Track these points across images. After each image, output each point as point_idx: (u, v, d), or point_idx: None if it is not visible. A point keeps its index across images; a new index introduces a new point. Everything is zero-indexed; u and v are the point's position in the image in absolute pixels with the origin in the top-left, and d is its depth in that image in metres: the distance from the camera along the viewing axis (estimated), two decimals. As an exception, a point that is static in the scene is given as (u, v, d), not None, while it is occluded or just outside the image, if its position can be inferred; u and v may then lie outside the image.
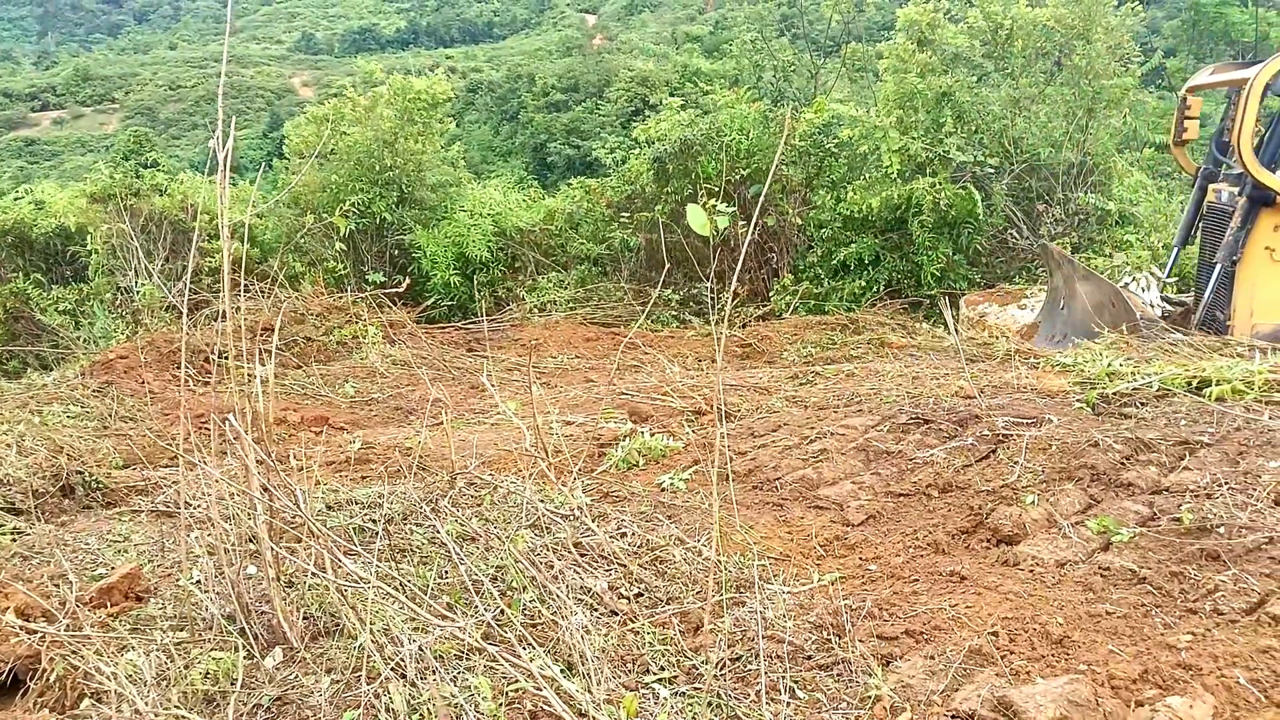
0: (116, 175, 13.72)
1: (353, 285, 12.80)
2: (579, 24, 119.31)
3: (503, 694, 2.96)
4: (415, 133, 14.22)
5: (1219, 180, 9.29)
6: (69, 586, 4.01)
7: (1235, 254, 9.03)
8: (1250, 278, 9.07)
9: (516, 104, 60.71)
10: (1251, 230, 8.99)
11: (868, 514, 4.27)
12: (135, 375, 8.75)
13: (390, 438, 6.66)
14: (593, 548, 3.98)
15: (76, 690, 3.28)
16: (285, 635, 3.38)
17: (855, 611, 3.33)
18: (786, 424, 5.54)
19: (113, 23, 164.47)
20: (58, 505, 5.52)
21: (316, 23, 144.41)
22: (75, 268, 13.84)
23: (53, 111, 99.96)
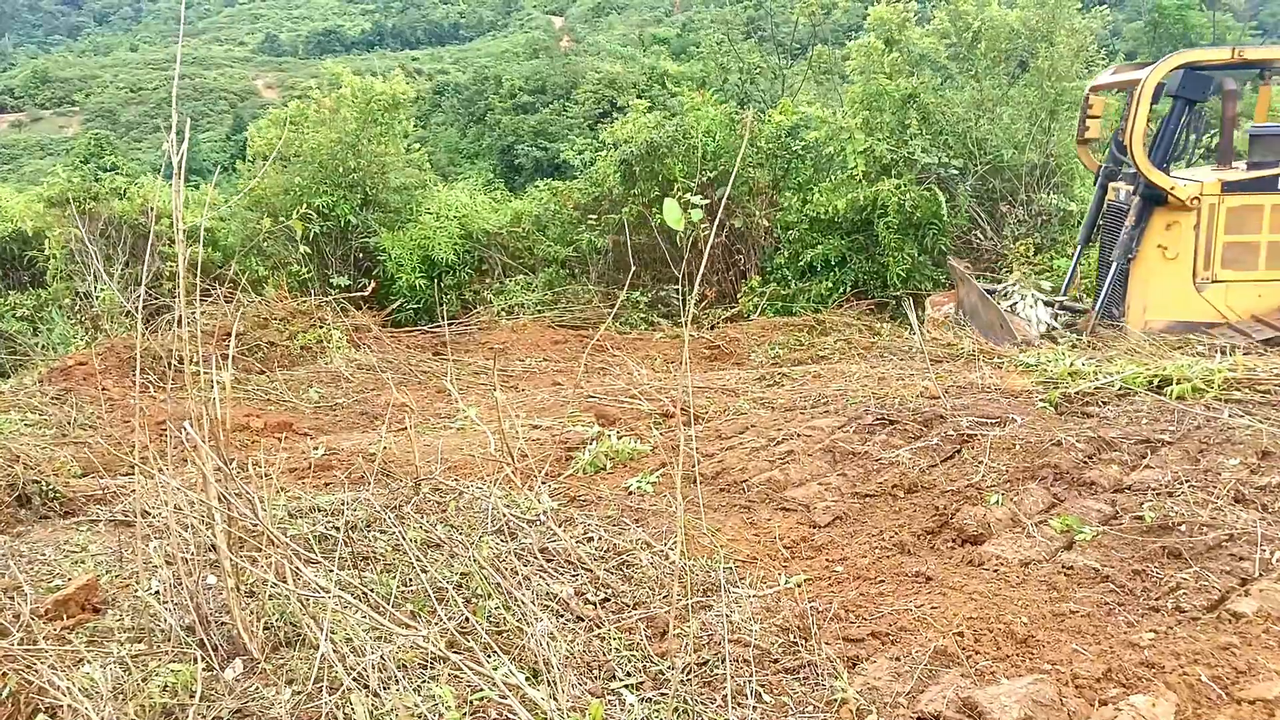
0: (75, 179, 13.53)
1: (317, 289, 12.68)
2: (546, 26, 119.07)
3: (467, 703, 2.92)
4: (378, 134, 14.11)
5: (1119, 179, 9.50)
6: (23, 599, 3.92)
7: (1130, 252, 9.23)
8: (1144, 275, 9.26)
9: (484, 106, 60.41)
10: (1145, 228, 9.18)
11: (834, 515, 4.28)
12: (94, 382, 8.59)
13: (354, 443, 6.58)
14: (559, 553, 3.95)
15: (30, 705, 3.20)
16: (245, 646, 3.32)
17: (821, 614, 3.32)
18: (754, 426, 5.54)
19: (72, 24, 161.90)
20: (13, 515, 5.39)
21: (280, 24, 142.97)
22: (32, 273, 13.58)
23: (10, 114, 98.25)
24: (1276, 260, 9.04)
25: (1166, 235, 9.10)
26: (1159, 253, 9.12)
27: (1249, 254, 9.04)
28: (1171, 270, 9.09)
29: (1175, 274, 9.08)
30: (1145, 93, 8.90)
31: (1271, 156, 9.09)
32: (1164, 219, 9.09)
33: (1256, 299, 9.03)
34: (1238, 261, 9.03)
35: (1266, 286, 9.06)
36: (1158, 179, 8.87)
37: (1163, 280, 9.15)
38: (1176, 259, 9.05)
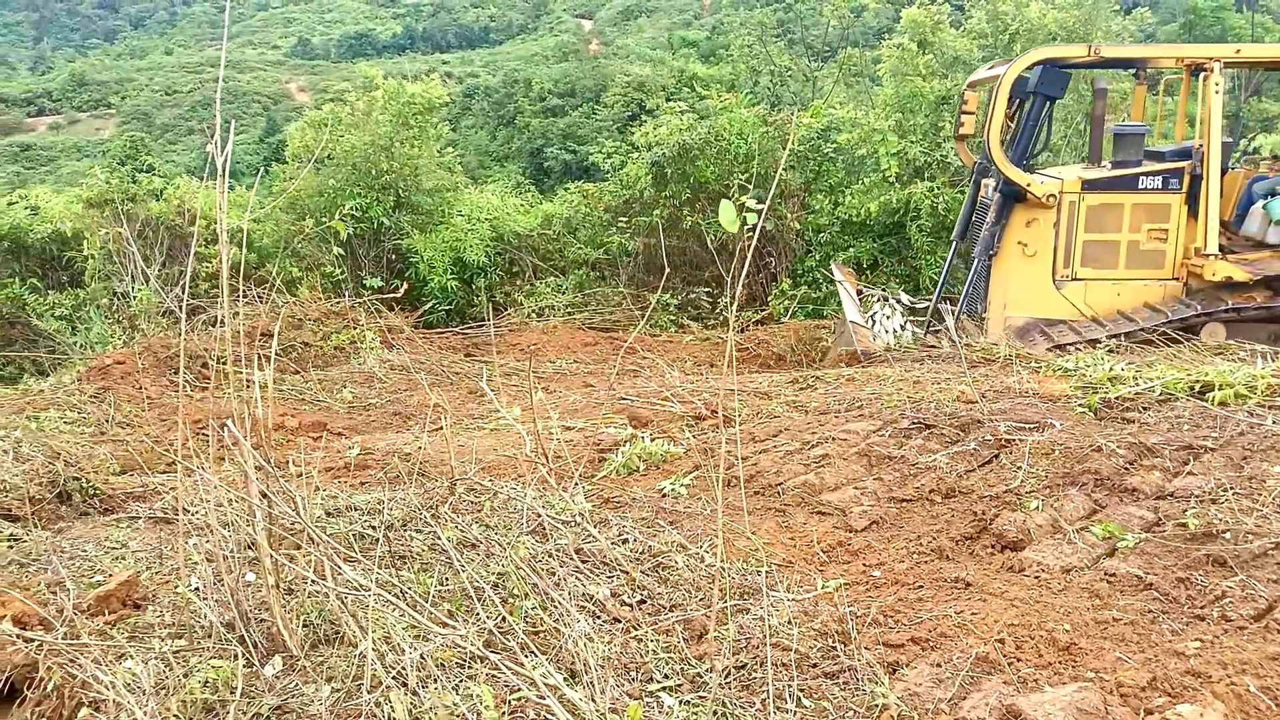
0: (113, 180, 13.69)
1: (350, 290, 12.78)
2: (575, 29, 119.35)
3: (505, 703, 2.92)
4: (410, 137, 14.20)
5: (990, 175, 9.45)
6: (66, 594, 3.97)
7: (991, 248, 9.21)
8: (1004, 272, 9.26)
9: (513, 109, 60.63)
10: (1006, 225, 9.16)
11: (870, 520, 4.25)
12: (132, 381, 8.70)
13: (389, 443, 6.62)
14: (594, 554, 3.95)
15: (74, 699, 3.24)
16: (285, 643, 3.34)
17: (860, 619, 3.30)
18: (787, 429, 5.52)
19: (109, 28, 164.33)
20: (55, 512, 5.48)
21: (313, 28, 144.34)
22: (71, 273, 13.79)
23: (49, 117, 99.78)
24: (1136, 260, 9.02)
25: (1026, 232, 9.09)
26: (1019, 249, 9.10)
27: (1109, 253, 9.02)
28: (1031, 267, 9.07)
29: (1035, 271, 9.07)
30: (1003, 89, 8.91)
31: (1134, 156, 9.09)
32: (1024, 216, 9.09)
33: (1115, 297, 9.01)
34: (1097, 260, 9.03)
35: (1125, 285, 9.03)
36: (1015, 175, 8.86)
37: (1022, 277, 9.14)
38: (1036, 256, 9.04)
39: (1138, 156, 9.07)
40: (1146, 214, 8.88)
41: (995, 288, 9.31)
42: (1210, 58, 8.73)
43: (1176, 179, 8.80)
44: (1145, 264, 8.96)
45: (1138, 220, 8.89)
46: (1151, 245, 8.92)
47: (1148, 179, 8.85)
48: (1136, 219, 8.89)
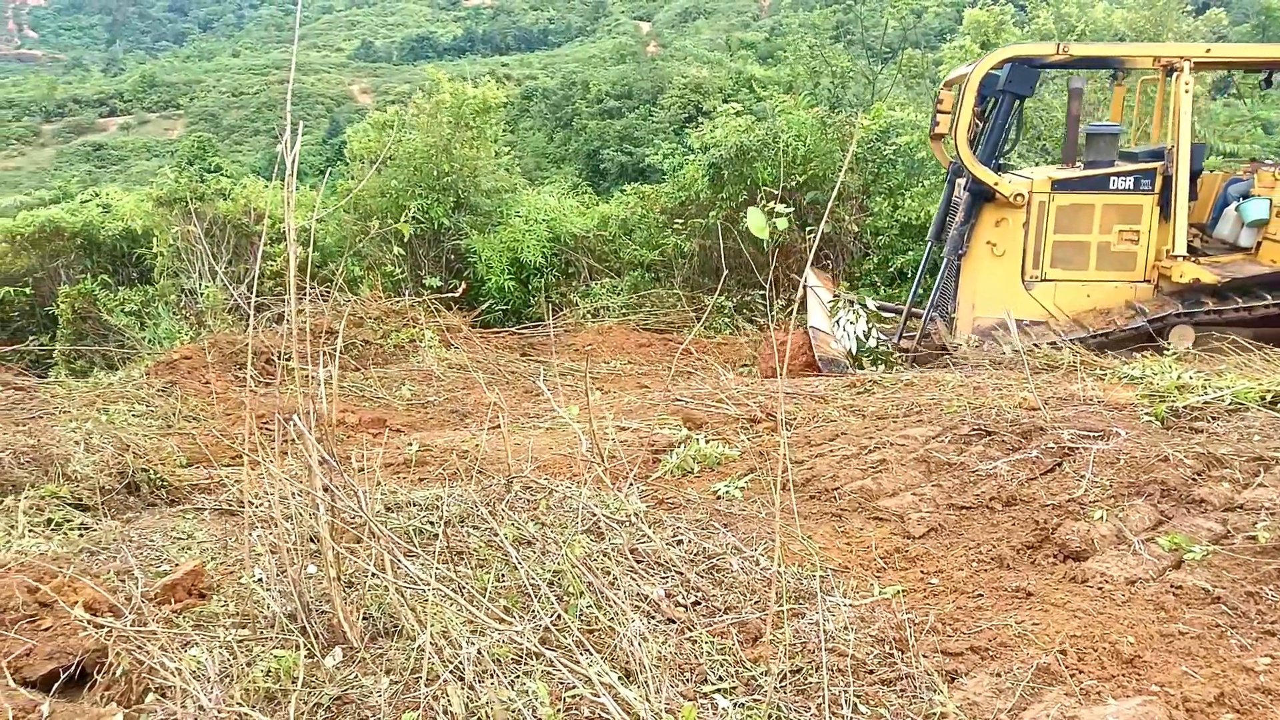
0: (182, 180, 14.05)
1: (410, 289, 12.96)
2: (633, 31, 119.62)
3: (560, 700, 2.94)
4: (470, 139, 14.36)
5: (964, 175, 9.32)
6: (135, 582, 4.08)
7: (960, 248, 9.07)
8: (973, 272, 9.12)
9: (570, 111, 60.91)
10: (975, 225, 9.01)
11: (929, 526, 4.20)
12: (198, 376, 8.92)
13: (447, 440, 6.70)
14: (649, 554, 3.96)
15: (141, 685, 3.32)
16: (345, 635, 3.40)
17: (918, 626, 3.26)
18: (844, 433, 5.47)
19: (178, 31, 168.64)
20: (124, 502, 5.63)
21: (376, 31, 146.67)
22: (141, 270, 14.19)
23: (120, 117, 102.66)
24: (1107, 261, 8.84)
25: (995, 232, 8.95)
26: (988, 249, 8.96)
27: (1079, 254, 8.87)
28: (1000, 268, 8.93)
29: (1004, 271, 8.93)
30: (970, 87, 8.80)
31: (1106, 156, 8.91)
32: (993, 215, 8.95)
33: (1085, 299, 8.85)
34: (1067, 261, 8.88)
35: (1096, 287, 8.86)
36: (982, 174, 8.72)
37: (991, 277, 8.99)
38: (1004, 256, 8.90)
39: (1110, 157, 8.95)
40: (1118, 215, 8.75)
41: (964, 288, 9.23)
42: (1180, 57, 8.60)
43: (1148, 180, 8.66)
44: (1116, 265, 8.85)
45: (1109, 221, 8.77)
46: (1123, 247, 8.80)
47: (1119, 180, 8.72)
48: (1107, 220, 8.77)
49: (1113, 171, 8.72)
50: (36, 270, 14.16)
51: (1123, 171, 8.71)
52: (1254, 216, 8.81)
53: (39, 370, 11.94)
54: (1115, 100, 10.46)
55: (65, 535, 4.91)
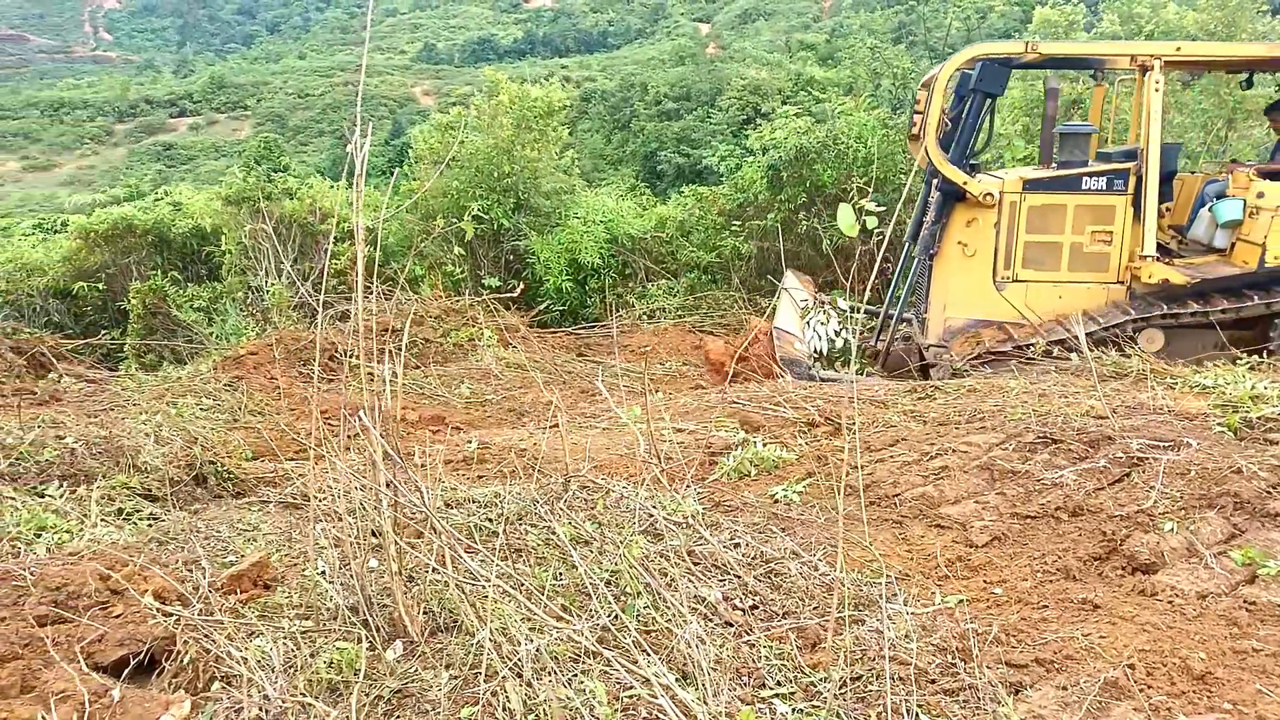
0: (250, 179, 14.35)
1: (470, 289, 13.08)
2: (692, 33, 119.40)
3: (617, 699, 2.95)
4: (531, 140, 14.46)
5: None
6: (202, 572, 4.17)
7: (931, 248, 8.97)
8: (945, 272, 9.00)
9: (629, 112, 61.06)
10: (946, 225, 8.93)
11: (992, 535, 4.12)
12: (264, 371, 9.11)
13: (505, 439, 6.76)
14: (706, 556, 3.95)
15: (208, 673, 3.39)
16: (406, 629, 3.44)
17: (981, 636, 3.21)
18: (904, 439, 5.40)
19: (247, 33, 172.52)
20: (191, 494, 5.76)
21: (438, 33, 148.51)
22: (209, 267, 14.52)
23: (189, 118, 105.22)
24: (1080, 262, 8.68)
25: (967, 232, 8.84)
26: (959, 249, 8.85)
27: (1051, 254, 8.73)
28: (971, 268, 8.83)
29: (975, 272, 8.82)
30: (939, 86, 8.73)
31: (1079, 156, 8.76)
32: (964, 215, 8.85)
33: (1057, 300, 8.70)
34: (1039, 262, 8.74)
35: (1068, 288, 8.71)
36: (951, 173, 8.63)
37: (963, 278, 8.89)
38: (975, 256, 8.78)
39: (1083, 157, 8.83)
40: (1090, 215, 8.63)
41: (935, 288, 9.16)
42: (1150, 55, 8.47)
43: (1121, 180, 8.53)
44: (1089, 266, 8.71)
45: (1081, 222, 8.65)
46: (1095, 247, 8.67)
47: (1091, 180, 8.59)
48: (1080, 220, 8.65)
49: (1085, 172, 8.64)
50: (109, 266, 14.55)
51: (1095, 172, 8.63)
52: (1227, 217, 8.67)
53: (110, 364, 12.29)
54: (1095, 100, 10.35)
55: (135, 525, 5.03)
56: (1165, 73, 8.43)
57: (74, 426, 6.17)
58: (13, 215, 28.88)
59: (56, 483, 5.30)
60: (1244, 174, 8.70)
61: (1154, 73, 8.29)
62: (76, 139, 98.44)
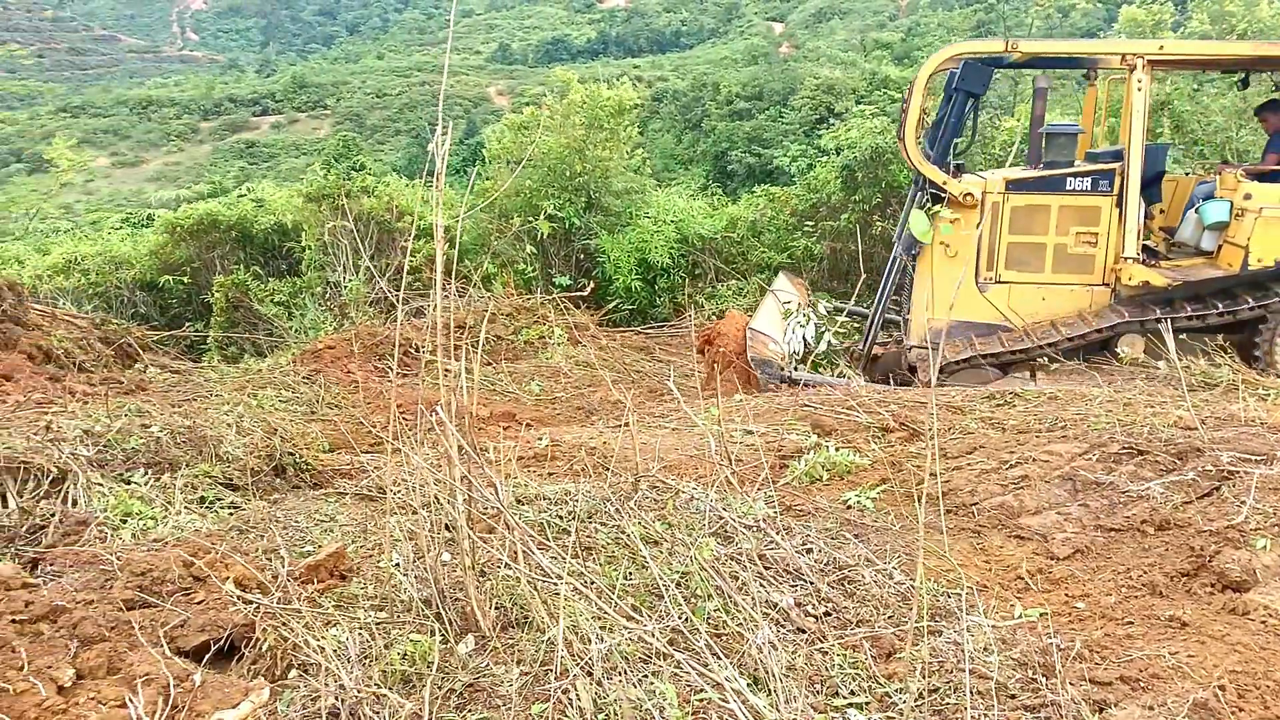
0: (330, 177, 14.64)
1: (540, 287, 13.18)
2: (766, 32, 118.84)
3: (688, 702, 2.93)
4: (602, 140, 14.51)
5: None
6: (281, 561, 4.26)
7: (913, 248, 8.82)
8: (926, 273, 8.84)
9: (700, 112, 60.98)
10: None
11: (1074, 548, 4.01)
12: (341, 365, 9.29)
13: (575, 436, 6.78)
14: (777, 561, 3.90)
15: (285, 661, 3.46)
16: (478, 623, 3.46)
17: (1064, 651, 3.12)
18: (983, 446, 5.29)
19: (327, 34, 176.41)
20: (270, 484, 5.89)
21: (513, 34, 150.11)
22: (290, 262, 14.85)
23: (271, 116, 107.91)
24: (1064, 264, 8.52)
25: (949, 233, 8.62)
26: (941, 250, 8.66)
27: (1034, 256, 8.58)
28: (954, 269, 8.66)
29: (957, 273, 8.66)
30: (918, 84, 8.63)
31: (1064, 156, 8.56)
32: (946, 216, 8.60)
33: (1040, 302, 8.57)
34: (1022, 263, 8.61)
35: (1051, 290, 8.56)
36: (930, 173, 8.52)
37: (945, 279, 8.69)
38: (958, 257, 8.62)
39: (1069, 157, 8.65)
40: (1075, 216, 8.48)
41: (918, 289, 9.02)
42: (1133, 54, 8.26)
43: (1107, 181, 8.34)
44: (1073, 268, 8.57)
45: (1065, 223, 8.51)
46: (1080, 249, 8.51)
47: (1076, 180, 8.43)
48: (1064, 221, 8.51)
49: (1069, 172, 8.49)
50: (194, 260, 14.95)
51: (1079, 172, 8.48)
52: (1213, 219, 8.46)
53: (194, 355, 12.64)
54: (1087, 101, 10.08)
55: (217, 513, 5.15)
56: (1149, 73, 8.32)
57: (159, 415, 6.33)
58: (103, 210, 29.95)
59: (142, 470, 5.44)
60: (1232, 175, 8.53)
61: (1137, 72, 8.16)
62: (163, 136, 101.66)
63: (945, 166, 8.70)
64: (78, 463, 5.21)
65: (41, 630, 3.39)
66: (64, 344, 9.05)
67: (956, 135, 8.86)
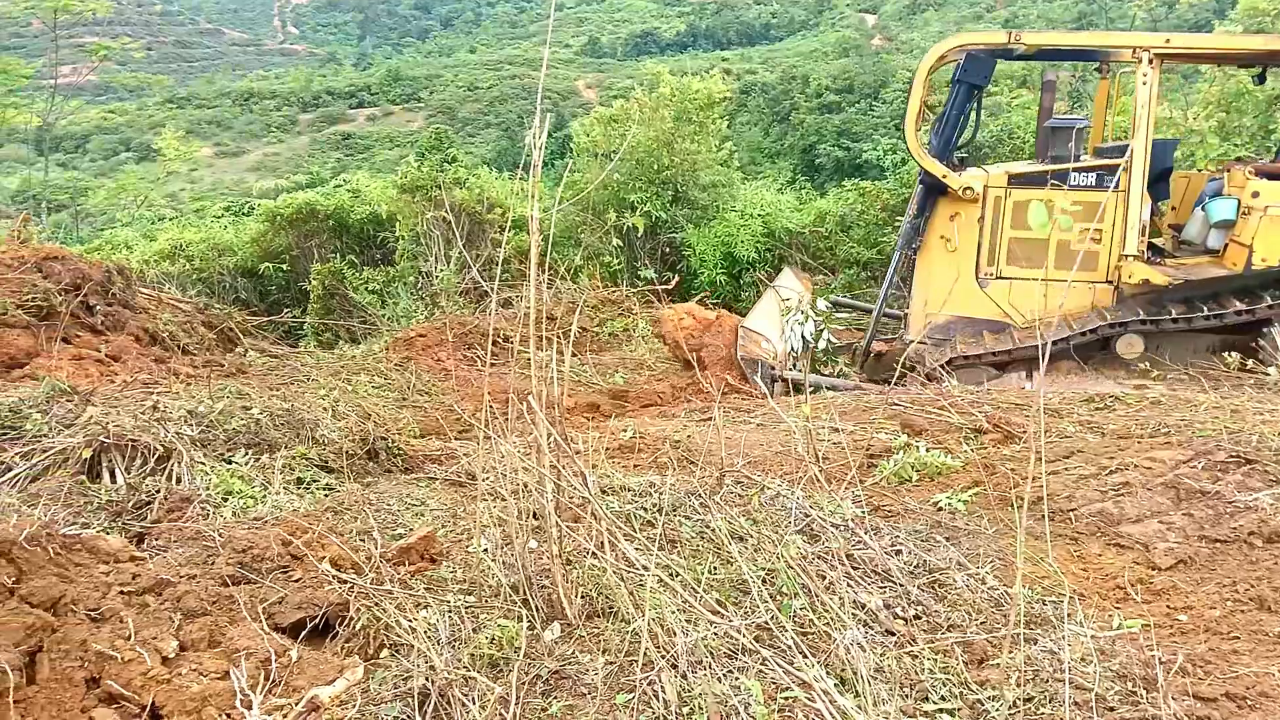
0: (423, 169, 14.91)
1: (626, 280, 13.23)
2: (858, 24, 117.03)
3: (774, 699, 2.91)
4: (691, 133, 14.47)
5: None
6: (374, 543, 4.37)
7: (914, 242, 8.70)
8: (927, 267, 8.73)
9: (789, 105, 60.31)
10: (929, 218, 8.65)
11: (1177, 558, 3.86)
12: (431, 354, 9.47)
13: (659, 429, 6.79)
14: (865, 561, 3.85)
15: (378, 640, 3.54)
16: (564, 611, 3.50)
17: (1166, 664, 3.01)
18: (1081, 451, 5.13)
19: (422, 27, 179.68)
20: (364, 467, 6.03)
21: (602, 27, 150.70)
22: (384, 251, 15.19)
23: (367, 109, 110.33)
24: (1066, 260, 8.25)
25: (949, 227, 8.54)
26: (942, 244, 8.58)
27: (1036, 251, 8.36)
28: (953, 263, 8.55)
29: (957, 267, 8.54)
30: (919, 77, 8.48)
31: (1069, 151, 8.35)
32: (948, 209, 8.55)
33: (1041, 299, 8.40)
34: (1024, 259, 8.43)
35: (1054, 287, 8.37)
36: (929, 165, 8.37)
37: (945, 273, 8.61)
38: (957, 252, 8.51)
39: (1075, 152, 8.44)
40: (1079, 212, 8.20)
41: (917, 284, 8.88)
42: (1139, 47, 8.05)
43: (1112, 176, 8.13)
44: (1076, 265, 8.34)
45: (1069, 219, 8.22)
46: (1083, 245, 8.26)
47: (1080, 175, 8.22)
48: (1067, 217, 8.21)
49: (1073, 167, 8.28)
50: (293, 248, 15.39)
51: (1084, 167, 8.27)
52: (1219, 217, 8.19)
53: (291, 340, 13.03)
54: (1099, 94, 9.78)
55: (313, 494, 5.31)
56: (1155, 67, 8.06)
57: (259, 398, 6.55)
58: (206, 198, 31.05)
59: (243, 450, 5.63)
60: (1241, 172, 8.24)
61: (1142, 66, 7.96)
62: (264, 127, 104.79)
63: (949, 160, 8.57)
64: (182, 442, 5.42)
65: (148, 602, 3.53)
66: (169, 327, 9.41)
67: (958, 127, 8.72)
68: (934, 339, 8.74)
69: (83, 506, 4.69)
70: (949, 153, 8.65)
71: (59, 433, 5.33)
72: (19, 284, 8.15)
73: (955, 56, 8.59)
